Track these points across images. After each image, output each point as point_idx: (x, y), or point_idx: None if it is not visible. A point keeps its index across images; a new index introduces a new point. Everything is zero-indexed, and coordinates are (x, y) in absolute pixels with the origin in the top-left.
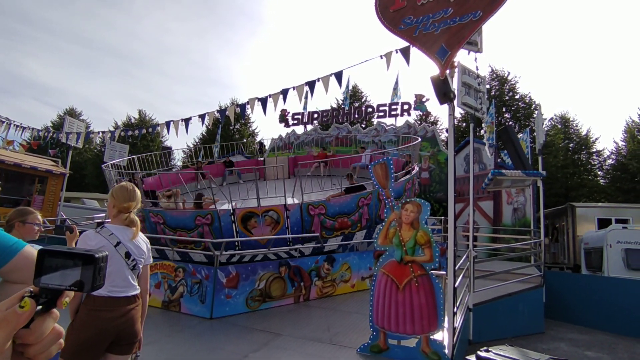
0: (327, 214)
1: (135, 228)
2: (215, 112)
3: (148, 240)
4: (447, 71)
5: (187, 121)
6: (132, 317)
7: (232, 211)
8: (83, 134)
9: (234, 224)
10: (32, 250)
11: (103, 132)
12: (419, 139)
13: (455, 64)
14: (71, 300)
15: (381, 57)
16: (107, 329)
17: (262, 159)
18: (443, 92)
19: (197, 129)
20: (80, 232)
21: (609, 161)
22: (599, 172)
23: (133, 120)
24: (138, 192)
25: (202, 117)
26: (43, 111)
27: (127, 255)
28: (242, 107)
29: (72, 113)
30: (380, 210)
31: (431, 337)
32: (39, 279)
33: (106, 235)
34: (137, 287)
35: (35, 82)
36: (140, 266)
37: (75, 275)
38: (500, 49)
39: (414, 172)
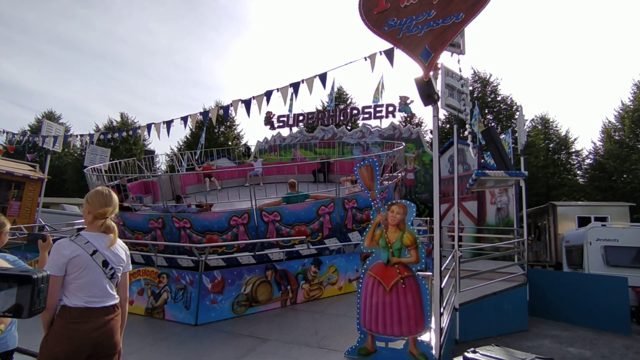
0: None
1: (112, 235)
2: (198, 115)
3: (127, 247)
4: (431, 73)
5: (168, 124)
6: (110, 328)
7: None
8: (61, 137)
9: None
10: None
11: (82, 136)
12: (403, 144)
13: (439, 65)
14: (45, 312)
15: (365, 59)
16: (84, 342)
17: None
18: (427, 93)
19: (180, 132)
20: (56, 240)
21: (588, 161)
22: (578, 172)
23: (115, 123)
24: (115, 197)
25: (184, 119)
26: (19, 114)
27: (105, 263)
28: (226, 109)
29: (50, 116)
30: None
31: (418, 338)
32: None
33: (81, 244)
34: (116, 296)
35: (10, 84)
36: (119, 274)
37: (11, 299)
38: (483, 51)
39: (390, 182)
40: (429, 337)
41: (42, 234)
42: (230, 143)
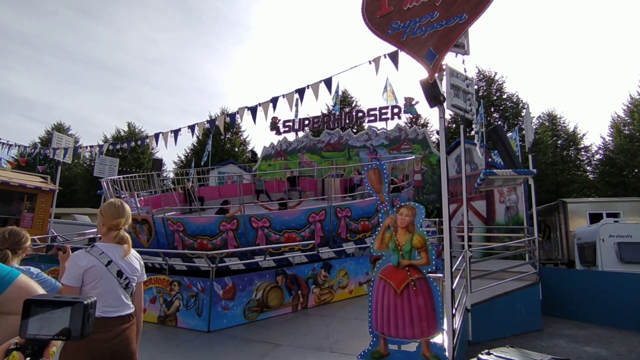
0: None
1: (126, 245)
2: (205, 123)
3: (140, 257)
4: (436, 74)
5: (176, 132)
6: (126, 337)
7: None
8: (71, 149)
9: None
10: (27, 279)
11: (92, 147)
12: (414, 156)
13: (444, 66)
14: None
15: (370, 62)
16: (102, 351)
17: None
18: (433, 95)
19: (187, 140)
20: (72, 250)
21: (597, 156)
22: (588, 168)
23: (122, 133)
24: (127, 208)
25: (191, 128)
26: (28, 127)
27: (119, 274)
28: (232, 116)
29: (60, 128)
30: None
31: (431, 340)
32: (25, 329)
33: (97, 255)
34: (131, 305)
35: (18, 97)
36: (134, 284)
37: (63, 322)
38: (487, 49)
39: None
40: (442, 339)
41: (62, 246)
42: (236, 149)
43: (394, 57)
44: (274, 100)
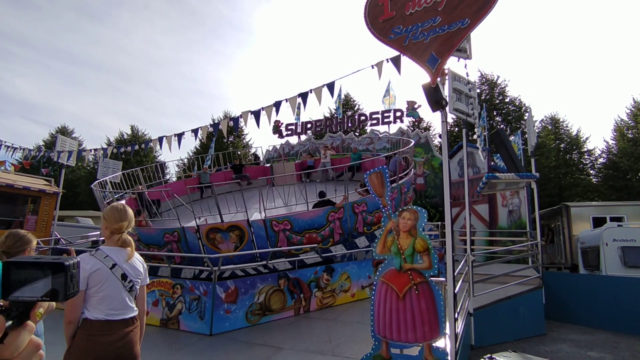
0: (292, 230)
1: (129, 248)
2: (209, 127)
3: (144, 260)
4: (438, 79)
5: (179, 136)
6: (130, 340)
7: (196, 228)
8: (75, 152)
9: (199, 240)
10: None
11: (95, 150)
12: (412, 142)
13: (446, 71)
14: (68, 325)
15: (372, 66)
16: (106, 354)
17: (269, 165)
18: (435, 99)
19: (191, 143)
20: (77, 253)
21: (601, 160)
22: (591, 171)
23: (126, 136)
24: (130, 211)
25: (195, 131)
26: (32, 129)
27: (124, 276)
28: (235, 120)
29: (64, 131)
30: (357, 224)
31: (433, 344)
32: (8, 292)
33: (101, 258)
34: (135, 308)
35: (22, 99)
36: (137, 287)
37: (47, 284)
38: (490, 53)
39: (404, 180)
40: (444, 343)
41: (67, 249)
42: (239, 152)
43: (396, 61)
44: (277, 105)
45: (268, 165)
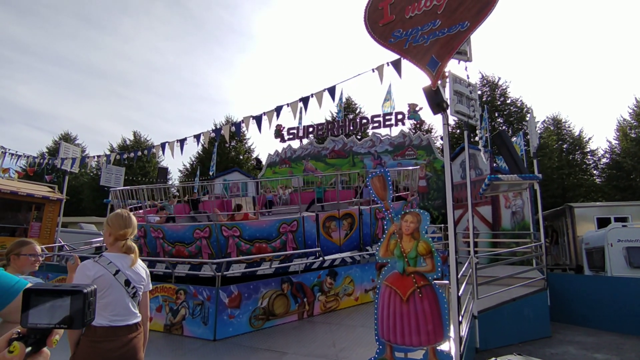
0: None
1: (133, 255)
2: (211, 132)
3: (146, 266)
4: (439, 81)
5: (182, 142)
6: (134, 346)
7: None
8: (78, 158)
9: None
10: None
11: (98, 157)
12: (418, 167)
13: (446, 73)
14: (71, 332)
15: (373, 70)
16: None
17: (227, 199)
18: (436, 102)
19: (193, 148)
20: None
21: (604, 160)
22: (595, 172)
23: (128, 142)
24: (134, 218)
25: (197, 137)
26: (34, 136)
27: (127, 283)
28: (237, 125)
29: (67, 138)
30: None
31: (438, 348)
32: (27, 319)
33: (104, 264)
34: (138, 314)
35: (24, 107)
36: (140, 293)
37: (64, 311)
38: (490, 55)
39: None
40: (449, 346)
41: (72, 256)
42: (241, 157)
43: (396, 65)
44: (278, 109)
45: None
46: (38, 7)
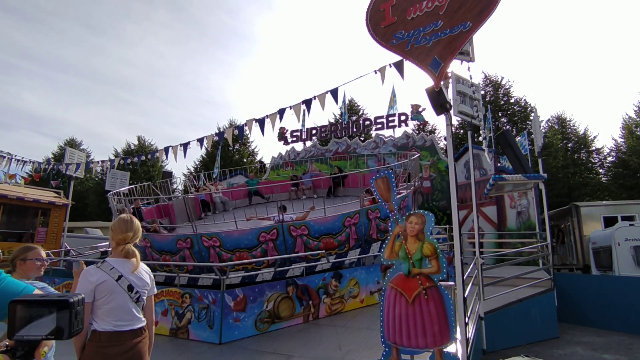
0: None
1: (134, 259)
2: (214, 135)
3: (150, 270)
4: (442, 82)
5: (185, 145)
6: (139, 350)
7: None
8: (83, 163)
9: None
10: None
11: (103, 161)
12: (417, 154)
13: (449, 74)
14: (76, 338)
15: (375, 72)
16: None
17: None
18: (439, 103)
19: (196, 153)
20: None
21: (610, 158)
22: (601, 170)
23: (132, 147)
24: (137, 222)
25: (200, 140)
26: (40, 142)
27: (130, 288)
28: (240, 128)
29: (72, 143)
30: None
31: (444, 349)
32: (13, 331)
33: (107, 270)
34: (143, 319)
35: (30, 113)
36: (144, 298)
37: (51, 322)
38: (493, 54)
39: (407, 191)
40: (455, 348)
41: (76, 261)
42: (245, 160)
43: (399, 66)
44: (281, 112)
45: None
46: (42, 14)
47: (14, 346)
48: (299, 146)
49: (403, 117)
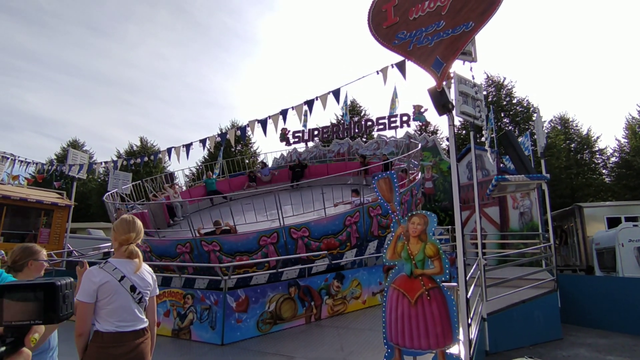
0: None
1: (137, 260)
2: (216, 136)
3: (152, 271)
4: (444, 82)
5: (188, 146)
6: (141, 351)
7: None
8: (86, 165)
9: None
10: None
11: (106, 162)
12: (419, 145)
13: (451, 74)
14: (79, 338)
15: (377, 72)
16: None
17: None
18: (441, 103)
19: (199, 153)
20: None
21: (613, 159)
22: (604, 171)
23: (135, 148)
24: (139, 223)
25: (202, 141)
26: (44, 144)
27: (133, 288)
28: (243, 129)
29: (75, 145)
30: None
31: (447, 351)
32: (1, 317)
33: (110, 271)
34: (145, 320)
35: (33, 114)
36: (147, 298)
37: (39, 306)
38: (495, 55)
39: (414, 182)
40: (458, 349)
41: (80, 261)
42: (247, 161)
43: (401, 66)
44: (284, 113)
45: None
46: (45, 17)
47: (2, 333)
48: (301, 147)
49: (405, 118)
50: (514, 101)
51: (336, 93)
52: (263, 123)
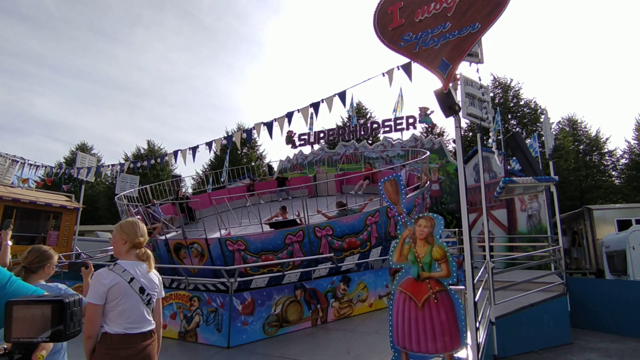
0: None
1: (148, 262)
2: (222, 139)
3: (159, 273)
4: (450, 84)
5: (194, 149)
6: (149, 353)
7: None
8: (94, 168)
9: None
10: None
11: (113, 165)
12: (428, 153)
13: (458, 76)
14: (87, 340)
15: (383, 74)
16: None
17: (312, 175)
18: (448, 105)
19: (205, 156)
20: (96, 267)
21: (623, 160)
22: (614, 173)
23: (142, 151)
24: (143, 225)
25: (209, 144)
26: (53, 147)
27: (142, 290)
28: (249, 132)
29: (84, 148)
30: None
31: (455, 355)
32: (10, 333)
33: (119, 272)
34: (153, 322)
35: (42, 118)
36: (154, 300)
37: (46, 324)
38: (502, 56)
39: (425, 185)
40: (466, 353)
41: (84, 262)
42: (253, 164)
43: (407, 68)
44: (289, 115)
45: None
46: (55, 22)
47: (11, 349)
48: (306, 150)
49: (411, 120)
50: (522, 103)
51: (342, 95)
52: (269, 126)
